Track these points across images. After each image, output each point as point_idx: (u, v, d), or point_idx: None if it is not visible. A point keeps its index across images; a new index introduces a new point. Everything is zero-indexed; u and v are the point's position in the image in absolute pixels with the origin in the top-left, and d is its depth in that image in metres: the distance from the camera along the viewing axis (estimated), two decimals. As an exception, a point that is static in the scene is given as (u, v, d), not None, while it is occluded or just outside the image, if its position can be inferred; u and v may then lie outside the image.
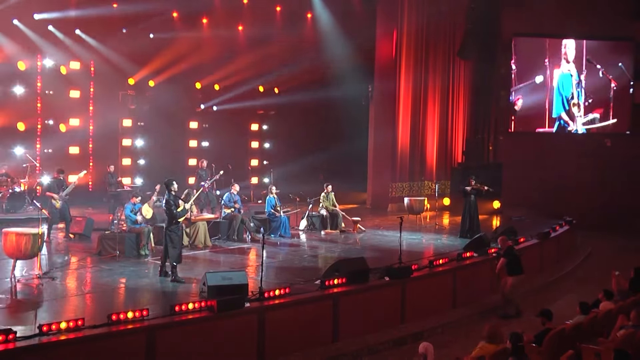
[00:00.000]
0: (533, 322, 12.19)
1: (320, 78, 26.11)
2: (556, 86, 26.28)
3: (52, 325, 8.36)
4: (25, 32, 20.65)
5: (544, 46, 26.39)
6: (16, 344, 7.97)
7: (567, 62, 26.25)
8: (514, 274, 13.51)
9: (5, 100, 20.54)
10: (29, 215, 18.55)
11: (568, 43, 26.22)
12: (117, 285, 12.03)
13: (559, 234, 18.79)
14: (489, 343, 8.51)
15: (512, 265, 13.55)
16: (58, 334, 8.34)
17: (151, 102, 24.00)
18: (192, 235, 15.38)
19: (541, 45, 26.42)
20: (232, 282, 10.67)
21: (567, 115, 26.42)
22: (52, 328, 8.34)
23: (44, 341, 8.17)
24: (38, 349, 8.08)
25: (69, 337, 8.37)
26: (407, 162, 24.99)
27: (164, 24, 23.69)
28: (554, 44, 26.26)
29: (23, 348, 7.96)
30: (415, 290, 12.64)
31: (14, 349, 7.87)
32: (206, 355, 9.53)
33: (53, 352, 8.21)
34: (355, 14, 25.64)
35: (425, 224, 21.11)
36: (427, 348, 8.07)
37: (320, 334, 10.99)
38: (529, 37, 26.38)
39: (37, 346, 8.08)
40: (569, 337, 9.13)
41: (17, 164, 20.20)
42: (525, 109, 26.52)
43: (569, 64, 26.25)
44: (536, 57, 26.32)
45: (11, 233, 11.77)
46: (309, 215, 18.75)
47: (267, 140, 28.38)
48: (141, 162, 24.14)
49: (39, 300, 10.76)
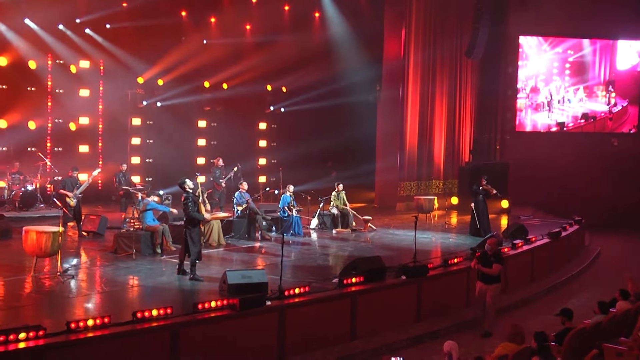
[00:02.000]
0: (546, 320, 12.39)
1: (329, 77, 26.15)
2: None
3: (79, 322, 8.43)
4: (36, 31, 20.73)
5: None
6: (45, 341, 8.03)
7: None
8: (495, 282, 12.11)
9: (17, 98, 20.60)
10: (42, 213, 18.74)
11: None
12: (136, 283, 12.12)
13: (569, 233, 18.87)
14: (510, 342, 8.57)
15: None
16: (85, 331, 8.42)
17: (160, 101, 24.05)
18: (207, 234, 15.45)
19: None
20: (252, 281, 10.78)
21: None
22: (79, 325, 8.41)
23: (72, 338, 8.25)
24: (66, 345, 8.15)
25: (96, 334, 8.45)
26: (415, 161, 25.07)
27: (173, 23, 23.78)
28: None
29: (51, 344, 8.04)
30: (431, 289, 12.72)
31: (43, 345, 7.94)
32: (228, 353, 9.62)
33: (80, 348, 8.28)
34: (363, 13, 25.76)
35: (434, 222, 21.19)
36: (452, 346, 8.12)
37: (339, 332, 11.07)
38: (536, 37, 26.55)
39: (65, 343, 8.16)
40: (589, 336, 9.21)
41: (29, 163, 20.25)
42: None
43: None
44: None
45: (32, 231, 11.87)
46: (320, 214, 18.83)
47: (275, 139, 28.42)
48: (150, 161, 24.23)
49: (62, 297, 10.83)
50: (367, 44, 25.21)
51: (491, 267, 11.93)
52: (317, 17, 26.80)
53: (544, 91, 27.71)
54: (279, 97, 27.63)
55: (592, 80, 27.68)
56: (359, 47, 25.29)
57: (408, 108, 24.63)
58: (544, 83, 27.67)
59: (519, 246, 15.84)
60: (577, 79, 27.54)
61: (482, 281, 12.09)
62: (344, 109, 26.73)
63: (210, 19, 25.06)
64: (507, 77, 27.57)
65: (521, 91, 27.63)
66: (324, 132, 27.21)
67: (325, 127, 27.47)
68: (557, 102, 27.57)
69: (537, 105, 27.69)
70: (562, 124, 27.42)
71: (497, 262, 11.99)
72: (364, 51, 25.27)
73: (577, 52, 27.23)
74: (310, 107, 26.67)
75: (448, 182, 26.23)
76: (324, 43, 26.07)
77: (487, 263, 11.98)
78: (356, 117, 26.26)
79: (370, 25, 25.12)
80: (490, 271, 11.93)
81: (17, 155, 20.38)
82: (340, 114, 27.08)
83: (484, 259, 12.05)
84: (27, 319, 9.26)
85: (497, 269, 11.93)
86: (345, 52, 25.62)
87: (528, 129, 27.84)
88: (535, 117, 27.78)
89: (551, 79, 27.64)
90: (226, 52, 24.94)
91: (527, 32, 26.93)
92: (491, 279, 12.01)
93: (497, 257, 12.10)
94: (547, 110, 27.62)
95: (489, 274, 11.95)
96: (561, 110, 27.54)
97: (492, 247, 12.17)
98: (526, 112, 27.87)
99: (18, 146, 20.72)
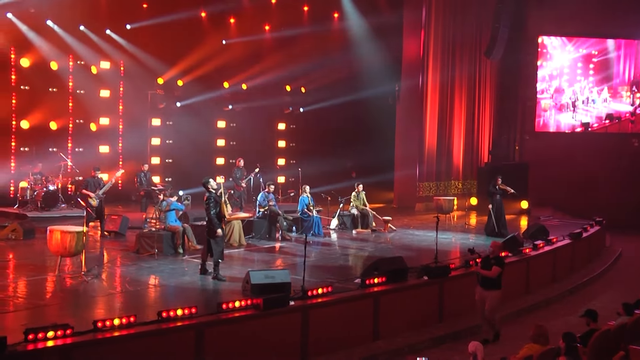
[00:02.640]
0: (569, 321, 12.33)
1: (347, 77, 26.17)
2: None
3: (105, 322, 8.50)
4: (58, 32, 20.91)
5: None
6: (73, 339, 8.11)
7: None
8: (494, 288, 11.53)
9: (39, 99, 20.79)
10: (63, 213, 18.91)
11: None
12: (159, 282, 12.20)
13: (590, 234, 18.76)
14: (535, 343, 8.53)
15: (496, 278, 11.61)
16: (112, 330, 8.48)
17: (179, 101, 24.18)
18: (227, 234, 15.50)
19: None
20: (275, 281, 10.82)
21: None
22: (105, 324, 8.47)
23: (99, 337, 8.31)
24: (93, 344, 8.22)
25: (122, 333, 8.51)
26: (434, 161, 25.02)
27: (193, 23, 23.89)
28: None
29: (79, 343, 8.10)
30: (453, 289, 12.70)
31: (70, 344, 8.01)
32: (252, 352, 9.64)
33: (107, 347, 8.34)
34: (382, 13, 25.74)
35: (453, 223, 21.14)
36: (477, 347, 8.12)
37: (361, 333, 11.08)
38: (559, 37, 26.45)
39: (92, 342, 8.22)
40: (615, 338, 9.14)
41: (51, 163, 20.42)
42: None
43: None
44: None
45: (56, 231, 11.98)
46: (340, 215, 18.85)
47: (294, 139, 28.47)
48: (169, 161, 24.37)
49: (86, 296, 10.92)
50: (386, 44, 25.18)
51: (491, 269, 11.45)
52: (336, 17, 26.83)
53: (568, 92, 27.53)
54: (298, 98, 27.66)
55: (616, 81, 27.47)
56: (378, 47, 25.28)
57: (427, 108, 24.60)
58: (568, 83, 27.49)
59: (540, 247, 15.77)
60: (602, 79, 27.34)
61: (481, 286, 11.58)
62: (363, 109, 26.71)
63: (230, 19, 25.17)
64: (527, 77, 27.44)
65: (545, 92, 27.47)
66: (343, 133, 27.25)
67: (344, 127, 27.50)
68: (581, 103, 27.39)
69: (562, 105, 27.53)
70: (586, 125, 27.26)
71: (497, 264, 11.45)
72: (383, 51, 25.24)
73: (602, 53, 27.07)
74: (329, 108, 26.71)
75: (467, 183, 26.17)
76: (343, 43, 26.09)
77: (488, 266, 11.51)
78: (375, 117, 26.23)
79: (389, 26, 25.10)
80: (488, 273, 11.40)
81: (39, 155, 20.55)
82: (359, 114, 27.07)
83: (485, 262, 11.60)
84: (53, 317, 9.34)
85: (495, 271, 11.36)
86: (364, 52, 25.63)
87: (552, 130, 27.69)
88: (559, 118, 27.64)
89: (575, 79, 27.46)
90: (245, 53, 25.05)
91: (547, 32, 26.80)
92: (490, 284, 11.44)
93: (498, 260, 11.56)
94: (572, 111, 27.44)
95: (488, 278, 11.44)
96: (585, 110, 27.36)
97: (495, 250, 11.69)
98: (550, 112, 27.73)
99: (40, 147, 20.90)
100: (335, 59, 26.00)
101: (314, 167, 23.38)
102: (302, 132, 28.27)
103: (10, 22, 19.91)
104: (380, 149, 25.90)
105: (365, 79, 25.93)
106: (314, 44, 25.79)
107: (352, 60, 26.09)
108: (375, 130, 26.54)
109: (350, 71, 26.27)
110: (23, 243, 15.13)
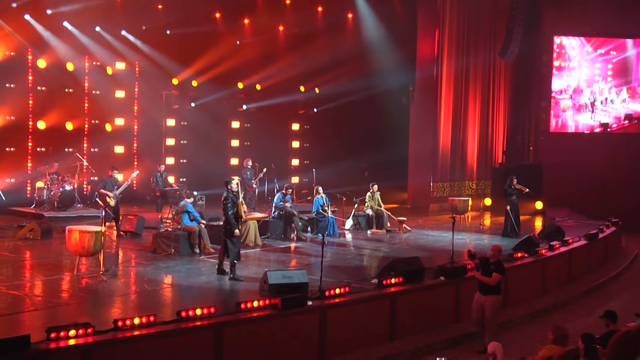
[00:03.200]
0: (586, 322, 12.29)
1: (361, 78, 26.18)
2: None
3: (125, 321, 8.55)
4: (74, 33, 21.04)
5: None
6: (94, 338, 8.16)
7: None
8: (494, 293, 10.99)
9: (55, 100, 20.93)
10: (79, 213, 19.03)
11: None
12: (176, 282, 12.24)
13: (606, 235, 18.67)
14: (556, 344, 8.50)
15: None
16: (132, 329, 8.53)
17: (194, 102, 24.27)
18: (243, 234, 15.54)
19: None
20: (293, 281, 10.84)
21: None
22: (126, 323, 8.53)
23: (119, 336, 8.36)
24: (113, 343, 8.27)
25: (142, 332, 8.56)
26: (448, 161, 24.98)
27: (207, 24, 23.97)
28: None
29: (99, 342, 8.16)
30: (469, 290, 12.63)
31: (92, 342, 8.07)
32: (269, 352, 9.67)
33: (127, 347, 8.38)
34: (396, 14, 25.75)
35: (468, 224, 21.10)
36: (496, 348, 8.09)
37: (378, 333, 11.09)
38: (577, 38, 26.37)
39: (113, 340, 8.27)
40: (635, 339, 9.08)
41: (67, 163, 20.55)
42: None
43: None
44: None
45: (75, 231, 12.06)
46: (354, 215, 18.86)
47: (308, 139, 28.50)
48: (184, 161, 24.47)
49: (105, 296, 10.99)
50: (400, 44, 25.20)
51: (490, 276, 10.87)
52: (350, 18, 26.85)
53: (586, 92, 27.38)
54: (311, 98, 27.69)
55: (635, 81, 27.30)
56: (392, 48, 25.29)
57: (441, 109, 24.55)
58: (587, 84, 27.36)
59: (556, 247, 15.71)
60: (621, 79, 27.16)
61: (479, 291, 11.05)
62: (376, 110, 26.73)
63: (244, 20, 25.23)
64: (541, 77, 27.34)
65: (564, 92, 27.35)
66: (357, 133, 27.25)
67: (357, 127, 27.50)
68: (600, 103, 27.24)
69: (580, 106, 27.38)
70: (605, 125, 27.09)
71: (498, 271, 10.86)
72: (397, 52, 25.26)
73: (621, 53, 26.90)
74: (343, 109, 26.72)
75: (481, 183, 26.10)
76: (357, 44, 26.13)
77: (487, 271, 10.93)
78: (389, 117, 26.23)
79: (403, 26, 25.14)
80: (488, 281, 10.85)
81: (55, 155, 20.69)
82: (372, 115, 27.08)
83: (485, 267, 11.00)
84: (73, 316, 9.41)
85: (495, 279, 10.80)
86: (378, 53, 25.64)
87: (571, 130, 27.55)
88: (578, 118, 27.49)
89: (594, 79, 27.32)
90: (259, 53, 25.12)
91: (563, 32, 26.67)
92: (489, 289, 10.91)
93: (498, 267, 10.95)
94: (590, 111, 27.30)
95: (487, 284, 10.92)
96: (604, 111, 27.20)
97: (495, 255, 11.05)
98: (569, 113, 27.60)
99: (56, 147, 21.05)
100: (349, 59, 26.02)
101: (327, 168, 23.40)
102: (315, 132, 28.28)
103: (27, 23, 20.06)
104: (394, 149, 25.88)
105: (379, 79, 25.93)
106: (328, 44, 25.82)
107: (365, 60, 26.09)
108: (389, 131, 26.53)
109: (364, 71, 26.27)
110: (40, 243, 15.23)
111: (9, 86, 20.17)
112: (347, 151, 26.61)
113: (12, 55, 20.07)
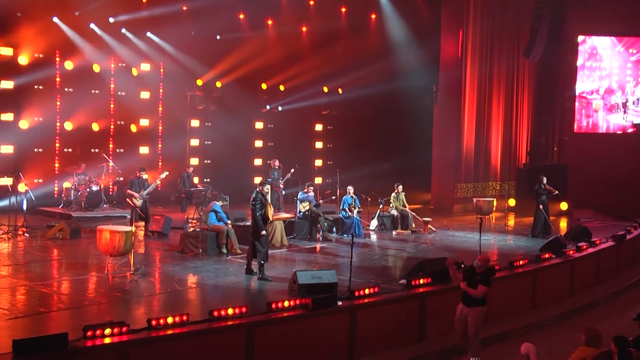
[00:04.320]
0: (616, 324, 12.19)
1: (385, 79, 26.16)
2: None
3: (159, 320, 8.62)
4: (101, 35, 21.24)
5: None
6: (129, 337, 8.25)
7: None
8: (478, 305, 10.12)
9: (82, 101, 21.14)
10: (106, 213, 19.21)
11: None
12: (205, 282, 12.33)
13: (634, 236, 18.49)
14: (589, 346, 8.46)
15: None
16: (165, 328, 8.59)
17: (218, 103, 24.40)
18: (270, 235, 15.58)
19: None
20: (322, 281, 10.89)
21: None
22: (159, 322, 8.60)
23: (153, 334, 8.44)
24: (148, 342, 8.34)
25: (175, 331, 8.63)
26: (472, 162, 24.89)
27: (231, 25, 24.09)
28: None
29: (134, 341, 8.24)
30: (497, 291, 12.58)
31: (127, 341, 8.15)
32: (300, 352, 9.69)
33: (161, 345, 8.45)
34: (419, 14, 25.70)
35: (492, 225, 21.01)
36: (529, 348, 8.09)
37: (407, 333, 11.07)
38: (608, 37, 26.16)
39: (147, 339, 8.34)
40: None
41: (93, 164, 20.75)
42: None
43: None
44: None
45: (105, 230, 12.18)
46: (379, 215, 18.87)
47: (331, 140, 28.53)
48: (208, 162, 24.60)
49: (136, 295, 11.10)
50: (424, 45, 25.13)
51: (476, 287, 10.00)
52: (373, 18, 26.84)
53: (618, 92, 27.14)
54: (335, 99, 27.71)
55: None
56: (415, 48, 25.25)
57: (465, 109, 24.47)
58: (618, 84, 27.11)
59: (583, 248, 15.59)
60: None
61: (463, 302, 10.23)
62: (400, 110, 26.70)
63: (267, 21, 25.29)
64: (566, 77, 27.16)
65: (595, 92, 27.14)
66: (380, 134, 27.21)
67: (381, 128, 27.47)
68: (631, 104, 26.98)
69: (612, 106, 27.15)
70: (638, 125, 26.82)
71: (483, 283, 10.01)
72: (421, 52, 25.21)
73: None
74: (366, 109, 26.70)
75: (505, 184, 25.96)
76: (381, 44, 26.09)
77: (472, 282, 10.08)
78: (412, 118, 26.19)
79: (427, 27, 25.07)
80: (474, 293, 10.00)
81: (82, 156, 20.90)
82: (396, 116, 27.04)
83: (470, 277, 10.17)
84: (106, 315, 9.52)
85: (481, 291, 9.96)
86: (402, 54, 25.61)
87: (602, 131, 27.32)
88: (609, 118, 27.26)
89: (625, 79, 27.06)
90: (283, 54, 25.17)
91: (588, 31, 26.48)
92: (473, 301, 10.07)
93: (485, 278, 10.11)
94: (622, 112, 27.05)
95: (471, 296, 10.08)
96: (636, 111, 26.93)
97: (482, 265, 10.17)
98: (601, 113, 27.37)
99: (83, 148, 21.28)
100: (372, 59, 26.00)
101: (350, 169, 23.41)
102: (339, 133, 28.31)
103: (55, 25, 20.29)
104: (417, 150, 25.84)
105: (402, 79, 25.89)
106: (352, 45, 25.83)
107: (389, 61, 26.05)
108: (412, 131, 26.48)
109: (387, 72, 26.24)
110: (70, 242, 15.41)
111: (37, 88, 20.39)
112: (370, 152, 26.58)
113: (40, 58, 20.28)
